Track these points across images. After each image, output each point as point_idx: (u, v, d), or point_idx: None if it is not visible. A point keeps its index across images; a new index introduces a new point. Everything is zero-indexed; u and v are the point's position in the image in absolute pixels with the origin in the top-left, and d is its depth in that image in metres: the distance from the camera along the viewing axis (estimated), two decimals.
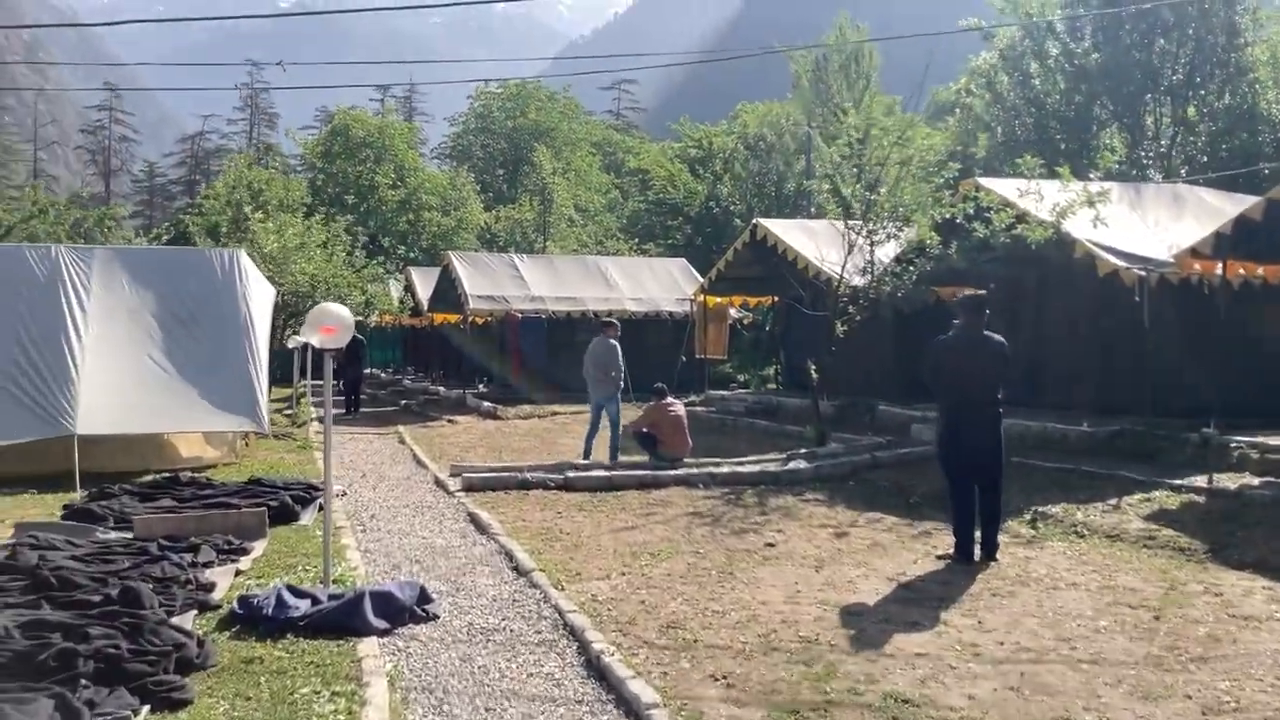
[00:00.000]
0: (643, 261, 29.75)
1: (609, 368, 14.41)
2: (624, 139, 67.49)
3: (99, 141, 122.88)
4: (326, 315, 6.92)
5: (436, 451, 15.93)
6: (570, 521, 10.21)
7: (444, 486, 12.22)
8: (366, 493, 11.98)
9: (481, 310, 23.74)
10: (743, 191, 37.15)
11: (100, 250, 14.29)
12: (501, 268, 25.32)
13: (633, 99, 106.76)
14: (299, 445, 16.00)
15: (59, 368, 12.46)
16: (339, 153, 52.56)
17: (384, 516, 10.43)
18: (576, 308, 24.13)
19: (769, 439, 16.85)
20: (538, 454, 15.68)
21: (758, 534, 9.73)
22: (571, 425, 19.48)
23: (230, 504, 9.76)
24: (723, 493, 12.06)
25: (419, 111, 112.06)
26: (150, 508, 9.81)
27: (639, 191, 52.79)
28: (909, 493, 11.90)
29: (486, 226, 48.21)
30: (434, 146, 77.55)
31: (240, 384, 13.05)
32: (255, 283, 14.62)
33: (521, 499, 11.44)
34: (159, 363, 13.09)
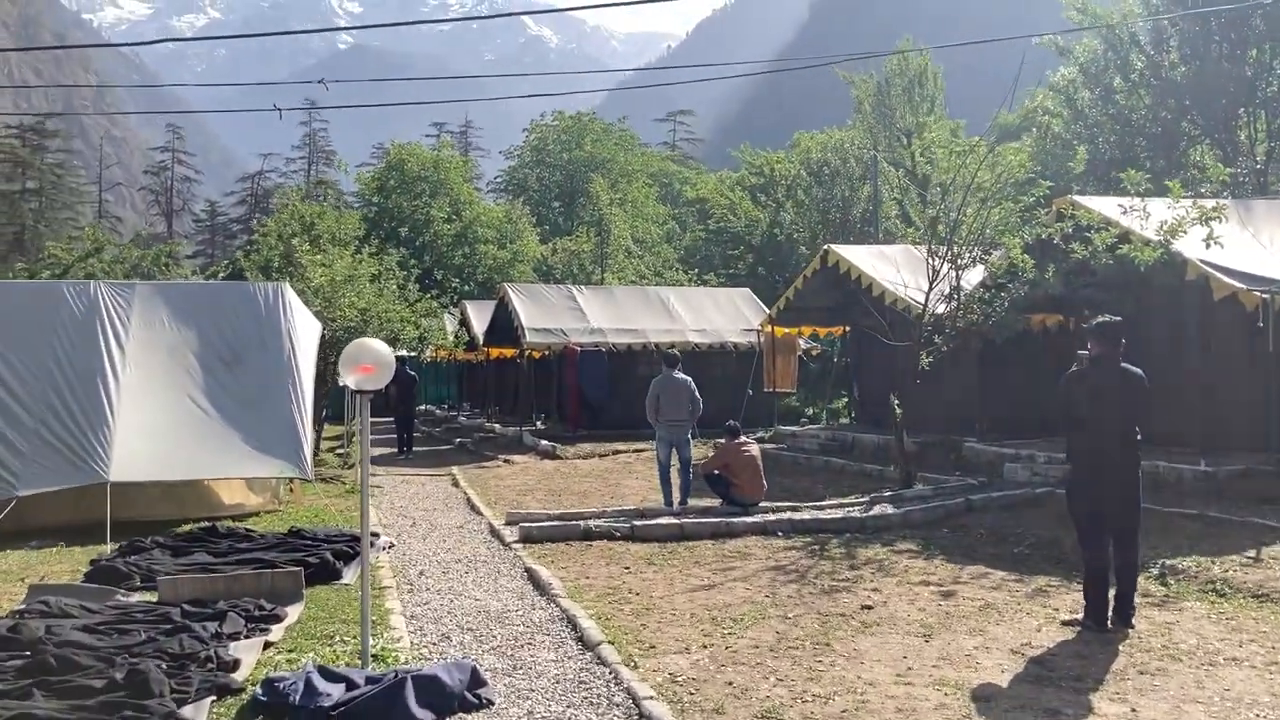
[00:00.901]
0: (705, 291, 28.76)
1: (691, 404, 13.35)
2: (681, 170, 66.74)
3: (162, 182, 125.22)
4: (364, 353, 6.02)
5: (492, 495, 15.02)
6: (639, 578, 9.18)
7: (499, 537, 11.27)
8: (416, 544, 11.06)
9: (538, 344, 22.89)
10: (807, 219, 36.03)
11: (140, 286, 13.64)
12: (559, 299, 24.49)
13: (688, 130, 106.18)
14: (348, 489, 15.17)
15: (94, 410, 11.75)
16: (394, 187, 52.50)
17: (434, 573, 9.48)
18: (637, 340, 23.20)
19: (847, 479, 15.72)
20: (600, 497, 14.70)
21: (851, 593, 8.63)
22: (635, 465, 18.49)
23: (266, 560, 8.89)
24: (805, 543, 10.96)
25: (475, 147, 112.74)
26: (182, 563, 8.97)
27: (697, 221, 51.94)
28: (1013, 542, 10.72)
29: (543, 259, 47.62)
30: (490, 180, 77.66)
31: (283, 426, 12.24)
32: (301, 318, 13.86)
33: (584, 551, 10.44)
34: (199, 404, 12.34)
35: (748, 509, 12.47)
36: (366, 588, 6.15)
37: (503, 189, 67.15)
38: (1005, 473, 14.35)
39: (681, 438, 13.23)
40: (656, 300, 25.37)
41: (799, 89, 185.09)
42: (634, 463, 18.88)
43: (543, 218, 58.31)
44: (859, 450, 17.82)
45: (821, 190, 36.22)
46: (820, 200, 36.07)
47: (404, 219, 50.30)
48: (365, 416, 6.23)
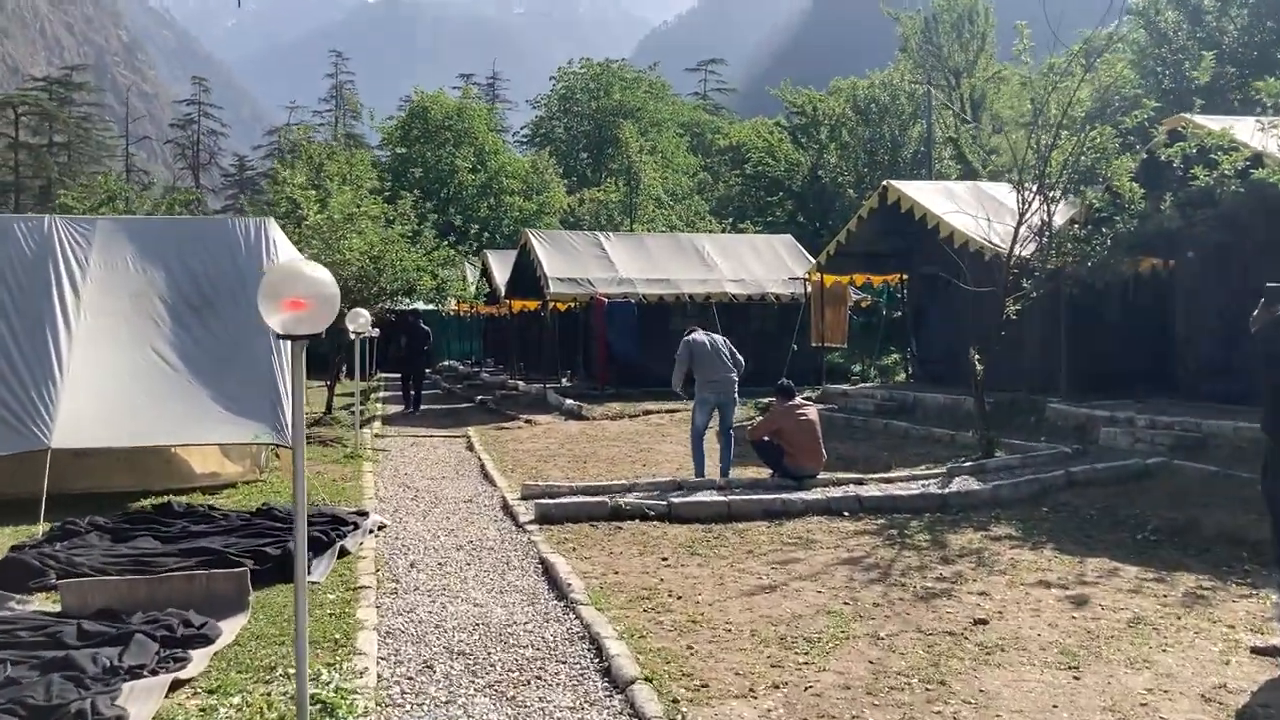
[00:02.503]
0: (744, 238, 26.65)
1: (733, 357, 11.58)
2: (713, 119, 64.26)
3: (189, 136, 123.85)
4: (293, 282, 4.16)
5: (509, 461, 13.22)
6: (681, 574, 7.34)
7: (513, 515, 9.46)
8: (413, 523, 9.27)
9: (563, 294, 20.99)
10: (852, 161, 33.68)
11: (102, 221, 11.83)
12: (586, 247, 22.53)
13: (720, 80, 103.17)
14: (347, 454, 13.41)
15: (40, 365, 10.00)
16: (417, 136, 50.66)
17: (428, 565, 7.68)
18: (670, 290, 21.23)
19: (912, 446, 13.79)
20: (630, 465, 12.87)
21: (954, 598, 6.76)
22: (668, 427, 16.64)
23: (215, 550, 7.11)
24: (878, 525, 9.08)
25: (502, 98, 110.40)
26: (112, 555, 7.22)
27: (731, 170, 49.70)
28: (1133, 525, 8.79)
29: (570, 210, 45.64)
30: (516, 133, 75.50)
31: (261, 384, 10.45)
32: (287, 257, 12.03)
33: (612, 535, 8.61)
34: (164, 358, 10.56)
35: (803, 482, 10.61)
36: (302, 620, 4.31)
37: (529, 141, 64.88)
38: (1101, 438, 12.38)
39: (728, 397, 11.37)
40: (690, 248, 23.35)
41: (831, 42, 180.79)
42: (667, 424, 17.02)
43: (570, 169, 56.32)
44: (922, 411, 15.86)
45: (869, 130, 33.83)
46: (867, 141, 33.70)
47: (427, 169, 48.55)
48: (299, 372, 4.39)
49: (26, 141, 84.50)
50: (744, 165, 42.34)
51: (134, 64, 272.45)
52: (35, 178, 75.24)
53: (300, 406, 4.34)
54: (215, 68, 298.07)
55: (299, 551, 4.26)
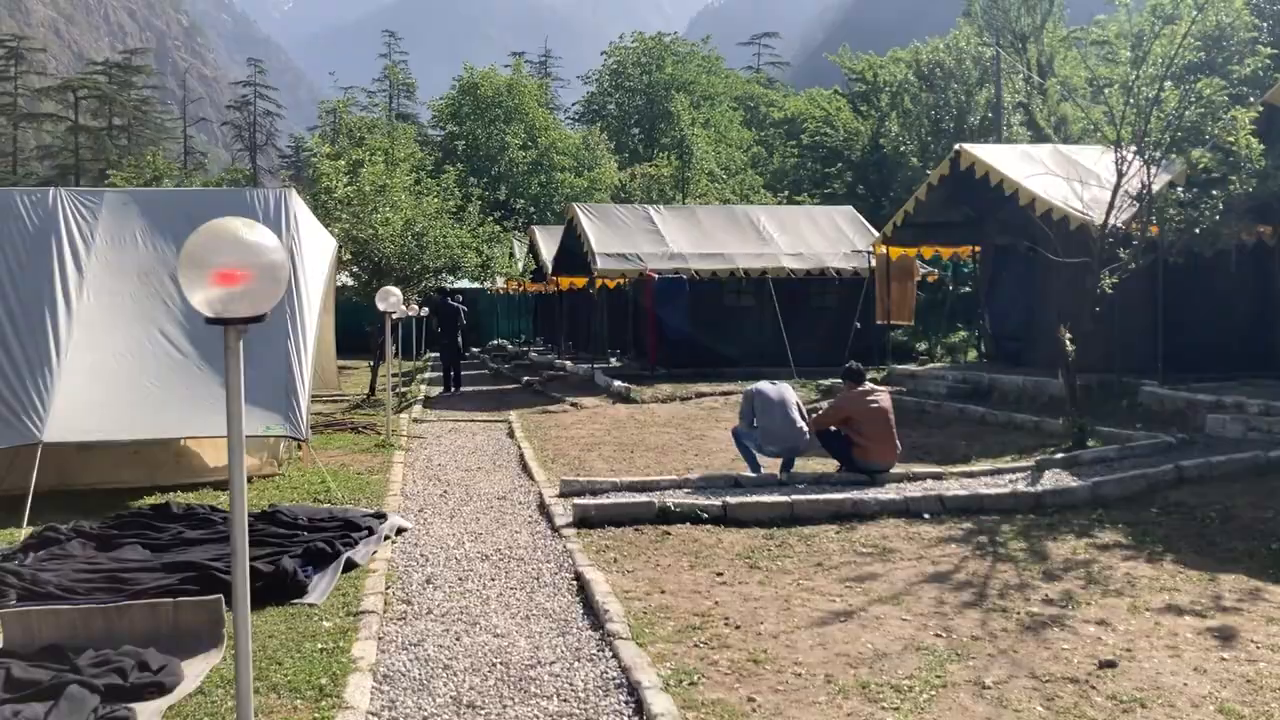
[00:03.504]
0: (801, 210, 25.31)
1: (804, 418, 9.96)
2: (766, 93, 62.62)
3: (245, 117, 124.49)
4: (222, 245, 3.15)
5: (551, 450, 12.22)
6: (739, 595, 6.27)
7: (549, 516, 8.45)
8: (438, 525, 8.29)
9: (611, 271, 19.91)
10: (915, 129, 32.08)
11: (110, 194, 10.95)
12: (635, 221, 21.41)
13: (774, 53, 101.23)
14: (377, 443, 12.49)
15: (36, 351, 9.17)
16: (468, 113, 49.89)
17: (447, 579, 6.68)
18: (724, 265, 20.05)
19: (992, 434, 12.56)
20: (680, 454, 11.80)
21: (1068, 628, 5.62)
22: (722, 411, 15.54)
23: (199, 565, 6.17)
24: (965, 530, 7.93)
25: (555, 76, 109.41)
26: (87, 569, 6.31)
27: (785, 143, 48.21)
28: (1265, 532, 7.57)
29: (621, 185, 44.53)
30: (567, 109, 74.46)
31: (274, 371, 9.53)
32: (309, 232, 11.12)
33: (659, 542, 7.56)
34: (172, 341, 9.68)
35: (875, 477, 9.49)
36: (244, 678, 3.31)
37: (580, 118, 63.79)
38: (1208, 426, 11.08)
39: (793, 455, 9.90)
40: (745, 220, 22.11)
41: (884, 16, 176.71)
42: (720, 408, 15.93)
43: (622, 144, 55.23)
44: (999, 395, 14.58)
45: (933, 96, 32.18)
46: (931, 107, 32.06)
47: (478, 146, 47.79)
48: (235, 369, 3.40)
49: (86, 124, 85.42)
50: (800, 136, 40.83)
51: (194, 48, 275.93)
52: (95, 160, 75.86)
53: (238, 408, 3.35)
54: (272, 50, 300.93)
55: (238, 605, 3.26)
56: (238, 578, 3.40)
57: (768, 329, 19.23)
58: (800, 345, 18.79)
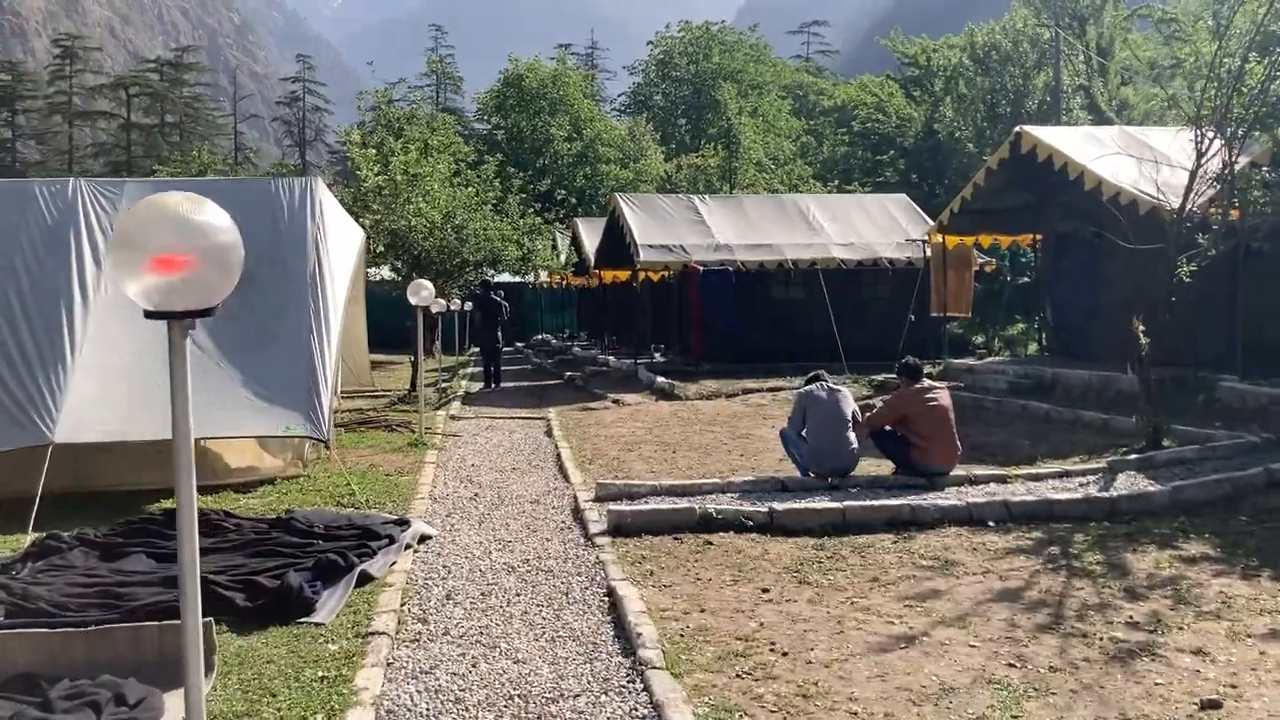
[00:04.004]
0: (852, 199, 24.54)
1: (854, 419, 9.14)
2: (816, 81, 61.58)
3: (294, 113, 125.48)
4: (162, 225, 2.64)
5: (589, 450, 11.69)
6: (787, 615, 5.68)
7: (583, 522, 7.91)
8: (466, 531, 7.78)
9: (655, 263, 19.34)
10: (970, 114, 31.09)
11: (131, 184, 10.60)
12: (679, 211, 20.81)
13: (823, 41, 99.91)
14: (410, 441, 12.02)
15: (51, 346, 8.81)
16: (513, 106, 49.55)
17: (468, 594, 6.16)
18: (771, 256, 19.40)
19: (1057, 432, 11.83)
20: (725, 455, 11.21)
21: (1159, 658, 4.97)
22: (769, 408, 14.94)
23: (205, 580, 5.70)
24: (1034, 539, 7.27)
25: (601, 68, 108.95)
26: (83, 583, 5.88)
27: (834, 132, 47.26)
28: None
29: (667, 176, 43.93)
30: (613, 101, 73.95)
31: (296, 367, 9.10)
32: (335, 223, 10.70)
33: (700, 553, 6.98)
34: (194, 339, 9.17)
35: (933, 480, 8.84)
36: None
37: (626, 109, 63.25)
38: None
39: (843, 472, 8.95)
40: (794, 210, 21.43)
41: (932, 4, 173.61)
42: (767, 405, 15.32)
43: (668, 135, 54.60)
44: (1063, 390, 13.82)
45: (988, 80, 31.15)
46: (987, 92, 31.03)
47: (523, 138, 47.44)
48: (180, 369, 2.89)
49: (139, 121, 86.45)
50: (851, 124, 39.90)
51: (245, 45, 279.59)
52: (147, 157, 76.68)
53: (185, 411, 2.84)
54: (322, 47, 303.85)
55: (187, 636, 2.75)
56: (187, 603, 2.90)
57: (817, 322, 18.56)
58: (851, 339, 18.11)
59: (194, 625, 2.93)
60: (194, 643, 2.91)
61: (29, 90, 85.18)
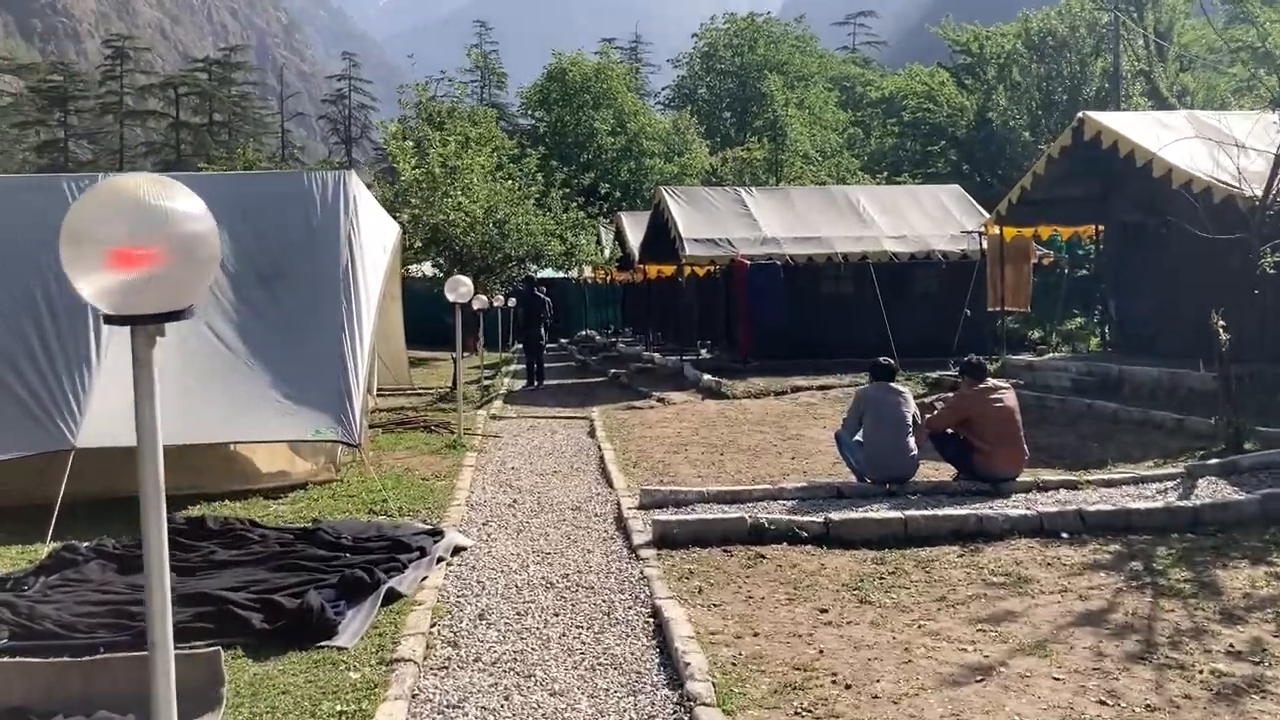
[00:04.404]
0: (904, 190, 23.89)
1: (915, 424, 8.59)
2: (863, 73, 60.65)
3: (340, 110, 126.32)
4: (113, 211, 2.22)
5: (634, 452, 11.26)
6: (848, 640, 5.21)
7: (627, 532, 7.47)
8: (503, 542, 7.37)
9: (700, 257, 18.85)
10: (1024, 103, 30.22)
11: (161, 180, 10.32)
12: (725, 204, 20.30)
13: (870, 33, 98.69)
14: (448, 443, 11.65)
15: (76, 347, 8.53)
16: (556, 100, 49.28)
17: (503, 615, 5.74)
18: (821, 250, 18.83)
19: (1126, 433, 11.20)
20: (775, 457, 10.72)
21: (1270, 694, 4.45)
22: (820, 407, 14.42)
23: (221, 599, 5.34)
24: (1113, 552, 6.72)
25: (646, 63, 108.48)
26: (90, 604, 5.55)
27: (883, 123, 46.43)
28: None
29: (712, 169, 43.40)
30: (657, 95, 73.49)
31: (327, 368, 8.75)
32: (369, 218, 10.35)
33: (752, 567, 6.51)
34: (221, 336, 8.97)
35: (999, 487, 8.31)
36: None
37: (670, 103, 62.75)
38: None
39: (900, 480, 8.44)
40: (844, 202, 20.83)
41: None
42: (818, 404, 14.80)
43: (713, 129, 54.10)
44: (1131, 388, 13.15)
45: (1044, 66, 30.24)
46: (1042, 79, 30.12)
47: (566, 133, 47.17)
48: (145, 378, 2.50)
49: (187, 120, 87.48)
50: (900, 114, 39.07)
51: (292, 44, 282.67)
52: (195, 155, 77.49)
53: (152, 431, 2.45)
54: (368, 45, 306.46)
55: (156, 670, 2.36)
56: (155, 632, 2.50)
57: (868, 317, 17.97)
58: (904, 335, 17.48)
59: (164, 665, 2.53)
60: (164, 684, 2.52)
61: (80, 90, 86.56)
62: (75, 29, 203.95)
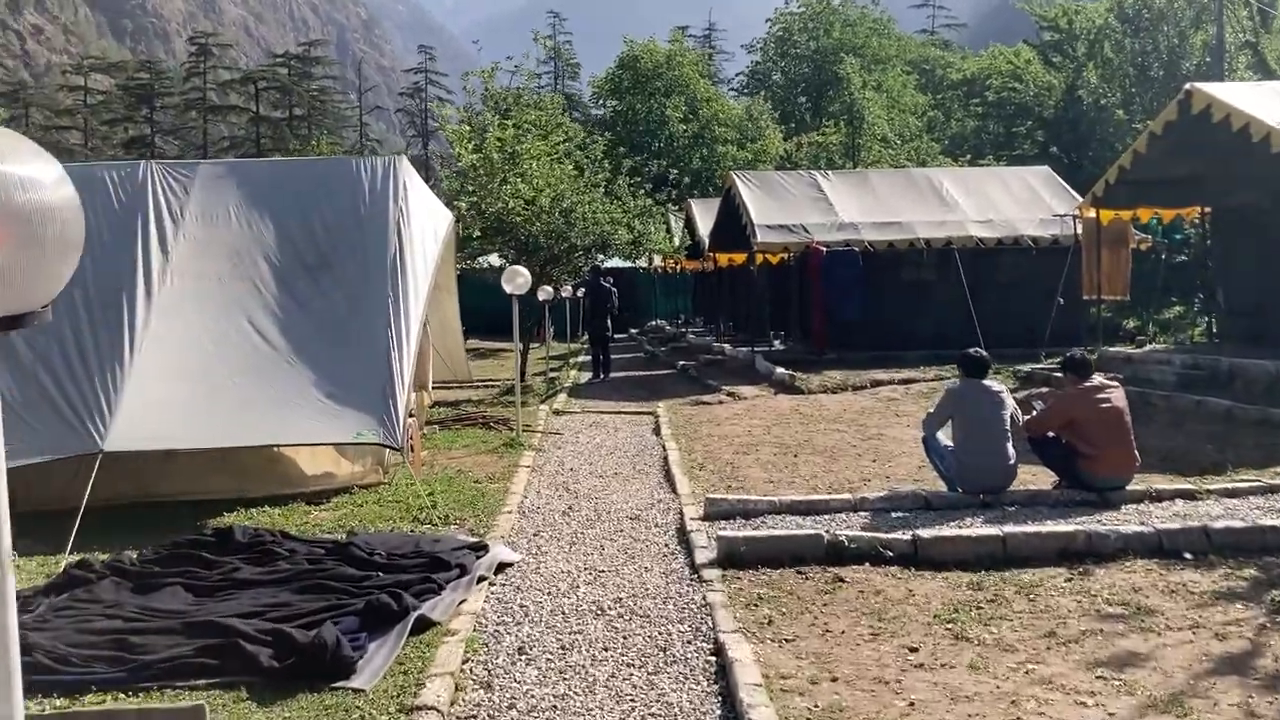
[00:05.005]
0: (990, 172, 22.74)
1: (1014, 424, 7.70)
2: (943, 55, 58.89)
3: (416, 104, 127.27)
4: None
5: (700, 453, 10.55)
6: (944, 689, 4.45)
7: (689, 546, 6.77)
8: (553, 558, 6.72)
9: (773, 244, 18.01)
10: (1118, 79, 28.69)
11: (205, 166, 9.86)
12: (800, 189, 19.42)
13: (949, 14, 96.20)
14: (505, 441, 11.06)
15: (110, 345, 8.08)
16: (628, 88, 48.63)
17: (546, 647, 5.09)
18: (901, 236, 17.87)
19: (1245, 432, 10.16)
20: (854, 459, 9.92)
21: None
22: (901, 403, 13.55)
23: (230, 631, 4.77)
24: (1248, 578, 5.86)
25: (718, 49, 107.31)
26: (92, 631, 5.02)
27: (964, 105, 44.89)
28: None
29: (787, 155, 42.36)
30: (730, 81, 72.41)
31: (371, 365, 8.19)
32: (420, 205, 9.78)
33: (830, 594, 5.77)
34: (262, 331, 8.47)
35: (1106, 496, 7.44)
36: None
37: (744, 90, 61.69)
38: None
39: (995, 491, 7.52)
40: (925, 184, 19.80)
41: None
42: (900, 399, 13.93)
43: (787, 114, 52.93)
44: (1243, 384, 12.05)
45: (1138, 41, 28.68)
46: (1136, 54, 28.57)
47: (638, 121, 46.53)
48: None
49: (267, 115, 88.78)
50: (984, 94, 37.56)
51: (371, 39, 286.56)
52: (275, 149, 78.51)
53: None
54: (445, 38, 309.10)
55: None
56: None
57: (952, 306, 17.02)
58: (990, 325, 16.50)
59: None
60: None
61: (166, 87, 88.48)
62: (164, 28, 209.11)
